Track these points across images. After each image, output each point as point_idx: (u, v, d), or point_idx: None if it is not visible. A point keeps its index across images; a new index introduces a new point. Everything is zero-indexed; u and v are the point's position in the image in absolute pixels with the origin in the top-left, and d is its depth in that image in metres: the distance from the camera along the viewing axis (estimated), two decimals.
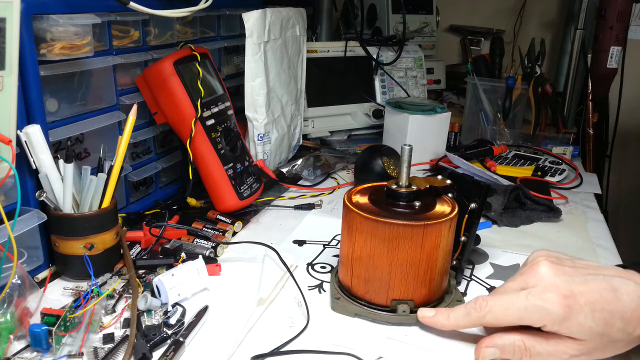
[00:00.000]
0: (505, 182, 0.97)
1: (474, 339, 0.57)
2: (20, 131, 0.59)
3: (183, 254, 0.69)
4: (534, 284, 0.52)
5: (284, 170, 1.05)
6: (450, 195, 0.63)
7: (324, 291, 0.66)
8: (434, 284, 0.60)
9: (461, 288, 0.68)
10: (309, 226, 0.85)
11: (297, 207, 0.92)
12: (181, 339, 0.54)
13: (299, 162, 1.07)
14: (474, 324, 0.55)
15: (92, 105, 0.73)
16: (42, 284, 0.64)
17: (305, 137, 1.24)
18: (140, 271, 0.68)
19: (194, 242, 0.74)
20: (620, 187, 1.76)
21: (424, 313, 0.58)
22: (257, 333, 0.57)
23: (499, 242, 0.81)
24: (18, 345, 0.53)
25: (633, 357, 0.53)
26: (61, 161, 0.63)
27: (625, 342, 0.50)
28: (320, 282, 0.68)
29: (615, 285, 0.50)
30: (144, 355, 0.51)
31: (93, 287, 0.60)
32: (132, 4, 0.69)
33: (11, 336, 0.52)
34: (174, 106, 0.80)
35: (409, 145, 0.59)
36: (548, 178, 1.06)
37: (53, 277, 0.66)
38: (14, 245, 0.53)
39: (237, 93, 0.99)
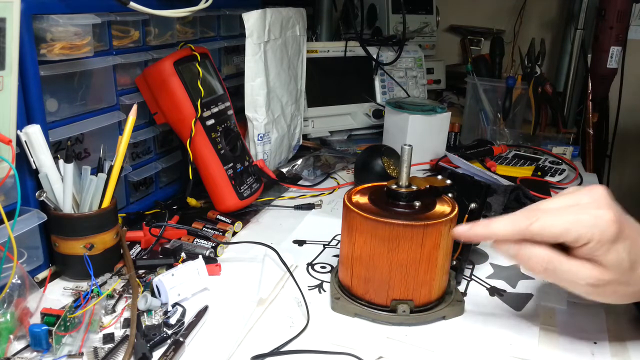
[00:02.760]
0: (505, 182, 0.97)
1: (475, 340, 0.57)
2: (20, 131, 0.59)
3: (183, 254, 0.69)
4: (588, 201, 0.50)
5: (284, 170, 1.05)
6: (450, 195, 0.63)
7: (324, 291, 0.66)
8: (434, 284, 0.60)
9: (461, 288, 0.68)
10: (309, 226, 0.85)
11: (297, 207, 0.92)
12: (181, 339, 0.54)
13: (299, 162, 1.07)
14: (517, 233, 0.50)
15: (92, 105, 0.73)
16: (42, 284, 0.64)
17: (305, 137, 1.24)
18: (140, 271, 0.67)
19: (194, 242, 0.74)
20: (620, 187, 1.76)
21: (459, 228, 0.54)
22: (257, 333, 0.57)
23: None
24: (18, 345, 0.53)
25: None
26: (61, 161, 0.63)
27: (633, 286, 0.50)
28: (320, 282, 0.68)
29: None
30: (144, 355, 0.51)
31: (93, 287, 0.60)
32: (132, 4, 0.69)
33: (11, 336, 0.52)
34: (174, 106, 0.80)
35: (409, 145, 0.59)
36: (548, 178, 1.06)
37: (53, 277, 0.66)
38: (14, 245, 0.53)
39: (237, 93, 0.99)
